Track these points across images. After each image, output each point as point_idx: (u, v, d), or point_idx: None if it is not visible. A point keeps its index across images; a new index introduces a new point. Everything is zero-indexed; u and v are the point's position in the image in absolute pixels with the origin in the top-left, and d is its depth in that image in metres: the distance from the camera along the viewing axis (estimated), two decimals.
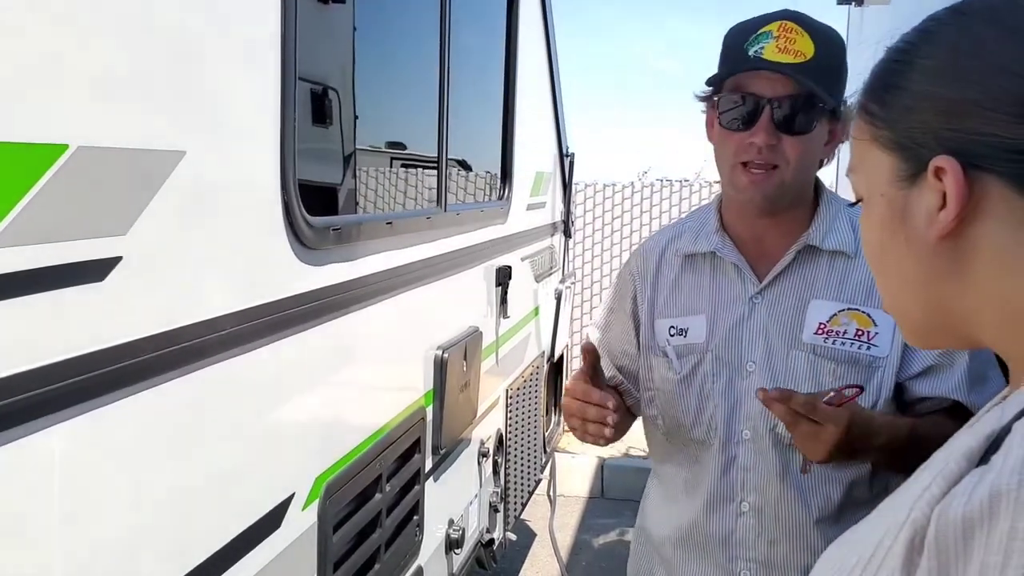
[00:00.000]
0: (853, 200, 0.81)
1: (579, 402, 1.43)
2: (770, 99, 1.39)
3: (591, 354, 1.47)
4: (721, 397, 1.50)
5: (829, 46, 1.40)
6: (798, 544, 1.47)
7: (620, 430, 1.49)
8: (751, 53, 1.38)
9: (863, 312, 1.46)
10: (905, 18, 0.81)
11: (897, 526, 0.62)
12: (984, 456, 0.60)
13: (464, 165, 2.88)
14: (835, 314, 1.46)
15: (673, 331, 1.55)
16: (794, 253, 1.49)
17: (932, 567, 0.59)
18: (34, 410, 0.99)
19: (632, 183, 8.03)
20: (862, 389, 1.35)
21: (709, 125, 1.49)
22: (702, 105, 1.51)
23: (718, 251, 1.53)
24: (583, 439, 1.47)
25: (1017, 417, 0.61)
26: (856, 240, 1.48)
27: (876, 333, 1.45)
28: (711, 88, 1.47)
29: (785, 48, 1.36)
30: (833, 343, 1.45)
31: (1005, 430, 0.61)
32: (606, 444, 1.47)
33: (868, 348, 1.45)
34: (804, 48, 1.37)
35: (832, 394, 1.30)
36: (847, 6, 5.22)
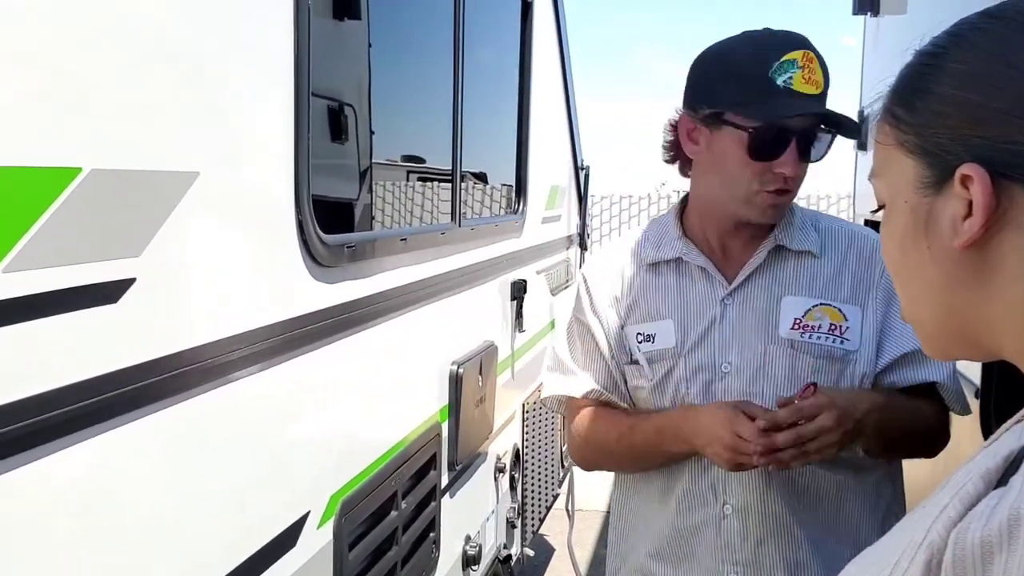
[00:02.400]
0: (876, 206, 0.79)
1: (744, 441, 1.37)
2: (799, 133, 1.42)
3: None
4: (698, 400, 1.50)
5: (827, 74, 1.45)
6: (784, 541, 1.49)
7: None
8: (780, 83, 1.39)
9: (834, 307, 1.50)
10: (922, 27, 0.80)
11: (914, 547, 0.61)
12: (1003, 477, 0.59)
13: (479, 180, 2.89)
14: (809, 309, 1.49)
15: (640, 337, 1.56)
16: (765, 253, 1.52)
17: None
18: (50, 432, 0.99)
19: (649, 195, 8.03)
20: (816, 386, 1.38)
21: (691, 141, 1.50)
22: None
23: (684, 256, 1.55)
24: (735, 470, 1.43)
25: None
26: (820, 240, 1.53)
27: (847, 327, 1.50)
28: (719, 111, 1.45)
29: (809, 79, 1.40)
30: (810, 337, 1.48)
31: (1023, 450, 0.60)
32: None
33: (842, 342, 1.50)
34: (819, 78, 1.42)
35: (797, 395, 1.37)
36: (863, 15, 5.19)
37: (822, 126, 1.45)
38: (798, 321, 1.49)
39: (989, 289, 0.68)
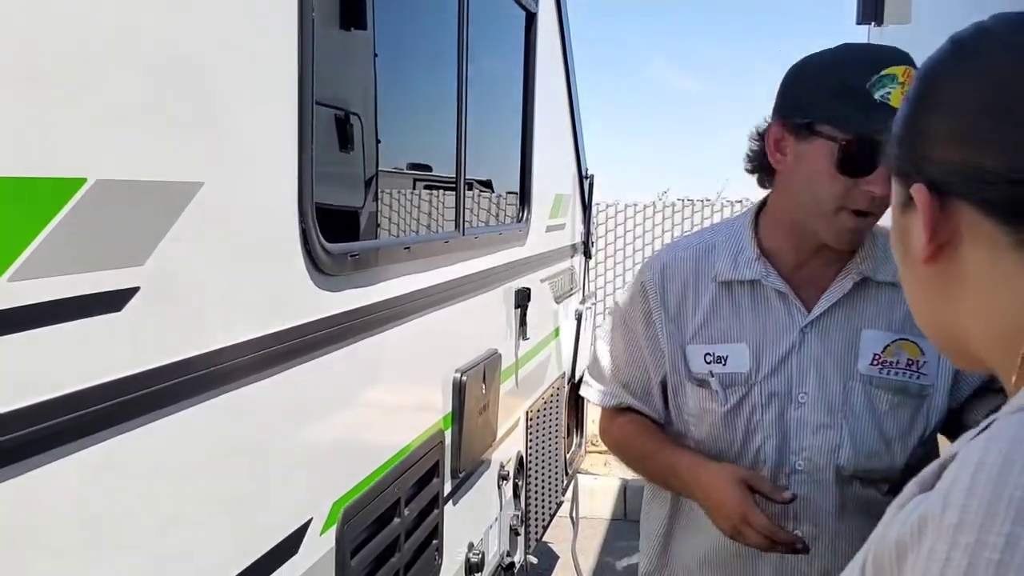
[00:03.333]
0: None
1: (766, 539, 1.37)
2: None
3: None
4: (771, 428, 1.48)
5: None
6: None
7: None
8: (877, 97, 1.33)
9: (912, 341, 1.47)
10: (925, 37, 0.82)
11: (860, 552, 0.66)
12: (933, 483, 0.61)
13: (483, 188, 2.90)
14: (888, 345, 1.46)
15: (710, 359, 1.51)
16: (851, 284, 1.49)
17: None
18: (54, 439, 1.00)
19: (653, 203, 8.03)
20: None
21: (778, 150, 1.44)
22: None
23: (763, 280, 1.50)
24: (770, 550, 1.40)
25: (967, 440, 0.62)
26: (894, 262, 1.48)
27: (925, 362, 1.47)
28: (811, 121, 1.39)
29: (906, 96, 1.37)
30: (888, 374, 1.46)
31: (952, 456, 0.61)
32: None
33: (919, 377, 1.48)
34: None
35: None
36: (867, 25, 5.20)
37: None
38: (877, 356, 1.46)
39: (954, 301, 0.72)
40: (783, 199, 1.49)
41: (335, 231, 1.69)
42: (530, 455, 3.43)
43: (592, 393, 1.69)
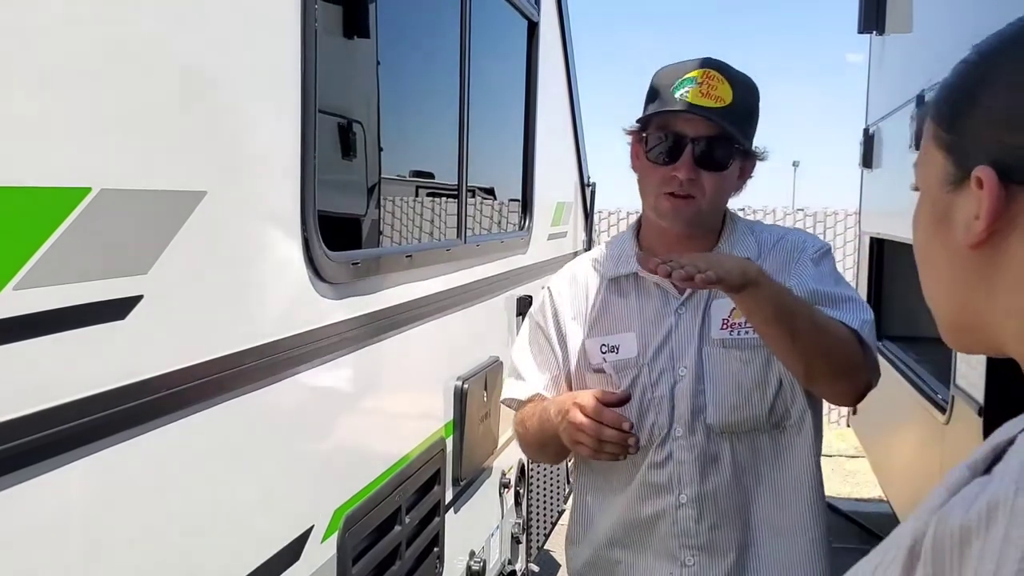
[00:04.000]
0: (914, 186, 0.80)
1: (593, 421, 1.49)
2: (692, 138, 1.56)
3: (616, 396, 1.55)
4: (661, 402, 1.62)
5: (745, 93, 1.59)
6: (735, 524, 1.62)
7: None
8: (677, 96, 1.55)
9: None
10: (927, 45, 0.82)
11: (904, 535, 0.63)
12: (989, 467, 0.61)
13: (485, 197, 2.91)
14: (733, 308, 1.58)
15: (605, 348, 1.67)
16: None
17: (928, 574, 0.59)
18: (57, 446, 1.01)
19: None
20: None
21: (634, 156, 1.65)
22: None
23: (639, 272, 1.65)
24: (595, 457, 1.53)
25: None
26: (757, 246, 1.66)
27: None
28: (639, 124, 1.62)
29: (707, 93, 1.55)
30: (738, 334, 1.60)
31: (1010, 441, 0.61)
32: (624, 458, 1.54)
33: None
34: (723, 94, 1.55)
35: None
36: (869, 34, 5.22)
37: (730, 140, 1.57)
38: (725, 321, 1.61)
39: (993, 291, 0.70)
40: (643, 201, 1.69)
41: (337, 239, 1.70)
42: (532, 463, 3.43)
43: (512, 390, 1.78)
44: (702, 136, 1.55)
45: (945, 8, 3.62)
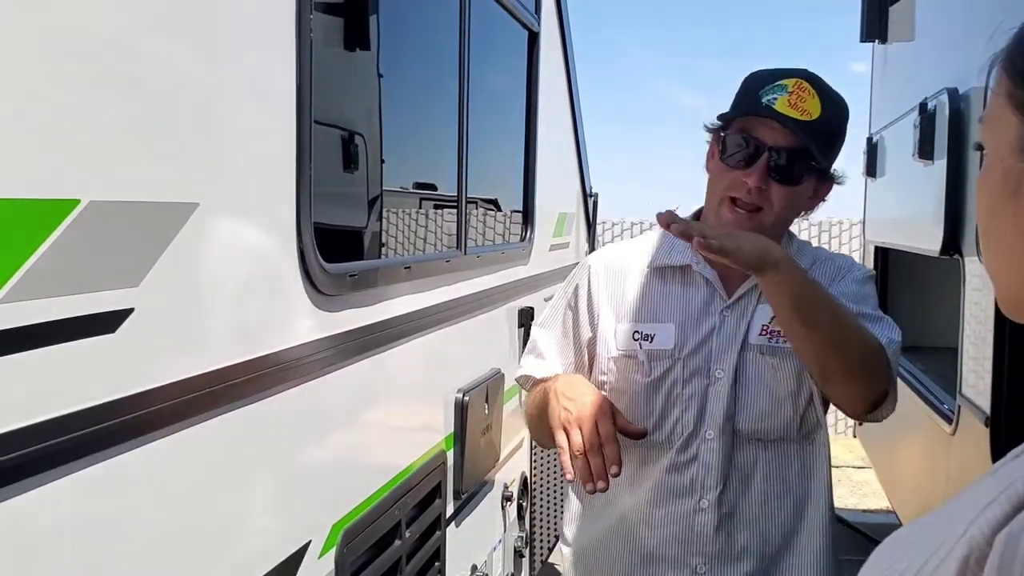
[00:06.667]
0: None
1: (595, 441, 1.45)
2: (770, 147, 1.52)
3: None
4: (689, 401, 1.59)
5: (835, 111, 1.54)
6: (753, 533, 1.60)
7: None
8: (764, 101, 1.51)
9: None
10: (929, 54, 0.79)
11: (953, 540, 0.58)
12: None
13: (485, 207, 2.90)
14: (774, 317, 1.56)
15: (638, 336, 1.63)
16: None
17: None
18: (48, 460, 0.99)
19: None
20: None
21: (710, 155, 1.61)
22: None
23: (694, 265, 1.62)
24: (562, 460, 1.48)
25: None
26: (812, 260, 1.64)
27: None
28: (720, 123, 1.59)
29: (795, 104, 1.49)
30: (776, 342, 1.58)
31: None
32: (593, 491, 1.47)
33: None
34: (812, 108, 1.50)
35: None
36: (872, 43, 5.21)
37: (808, 156, 1.53)
38: (765, 327, 1.59)
39: None
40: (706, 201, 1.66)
41: (334, 251, 1.69)
42: (535, 476, 3.40)
43: (529, 366, 1.75)
44: (781, 147, 1.51)
45: (947, 16, 3.62)
